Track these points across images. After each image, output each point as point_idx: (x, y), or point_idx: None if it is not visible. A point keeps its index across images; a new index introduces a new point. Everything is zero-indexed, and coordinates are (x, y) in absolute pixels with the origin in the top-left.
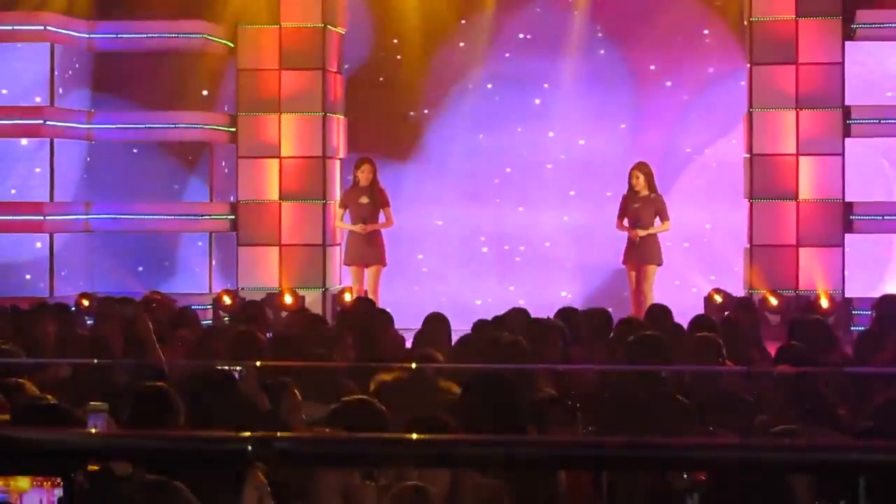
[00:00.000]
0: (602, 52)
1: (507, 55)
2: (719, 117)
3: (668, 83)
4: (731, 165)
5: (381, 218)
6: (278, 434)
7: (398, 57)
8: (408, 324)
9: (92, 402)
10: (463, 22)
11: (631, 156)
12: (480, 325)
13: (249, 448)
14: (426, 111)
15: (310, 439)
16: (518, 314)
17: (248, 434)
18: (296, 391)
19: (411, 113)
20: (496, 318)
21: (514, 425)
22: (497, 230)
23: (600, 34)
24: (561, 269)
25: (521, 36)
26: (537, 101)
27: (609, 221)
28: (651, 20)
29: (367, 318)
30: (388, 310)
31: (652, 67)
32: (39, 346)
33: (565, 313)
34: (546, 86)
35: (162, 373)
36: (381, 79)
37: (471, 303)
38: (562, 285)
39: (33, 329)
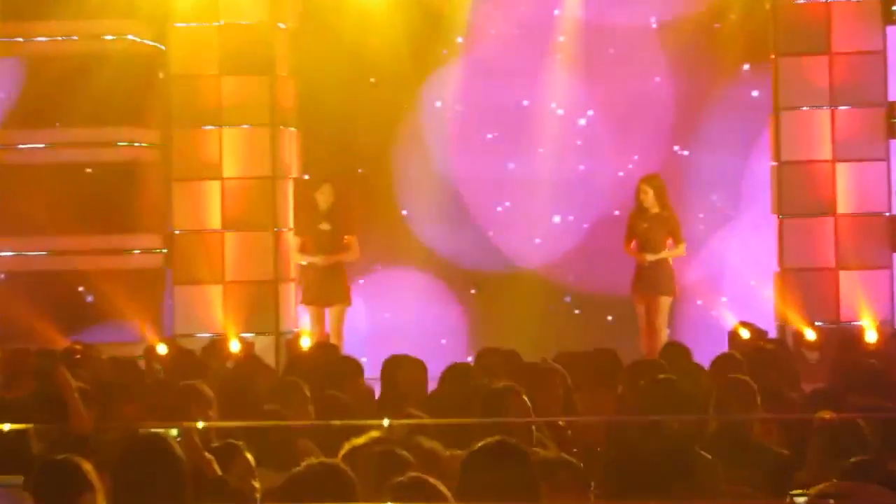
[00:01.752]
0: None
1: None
2: (738, 119)
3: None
4: (755, 175)
5: (345, 248)
6: None
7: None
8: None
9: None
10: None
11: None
12: (458, 370)
13: None
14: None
15: None
16: (506, 357)
17: None
18: (248, 455)
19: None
20: (478, 361)
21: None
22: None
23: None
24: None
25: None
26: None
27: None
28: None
29: (329, 367)
30: (356, 358)
31: (657, 79)
32: None
33: (565, 356)
34: (526, 102)
35: (85, 439)
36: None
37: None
38: None
39: None
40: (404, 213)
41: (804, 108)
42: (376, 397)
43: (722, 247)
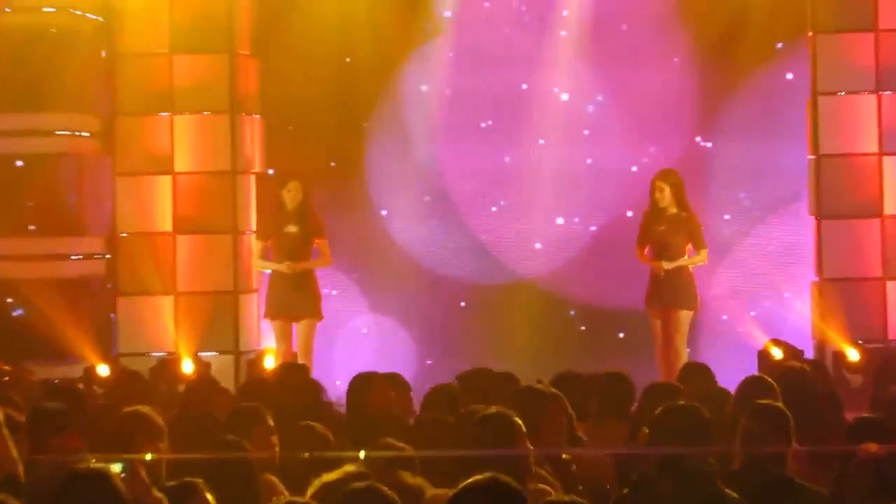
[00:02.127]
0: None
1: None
2: (770, 106)
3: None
4: (790, 171)
5: (315, 253)
6: None
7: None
8: None
9: None
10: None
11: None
12: (444, 394)
13: None
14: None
15: None
16: (500, 380)
17: None
18: (207, 496)
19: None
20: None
21: None
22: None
23: None
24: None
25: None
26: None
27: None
28: None
29: (296, 391)
30: (326, 382)
31: (676, 60)
32: None
33: (568, 379)
34: (525, 86)
35: (14, 476)
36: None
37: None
38: None
39: None
40: (383, 213)
41: (845, 93)
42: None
43: (751, 253)
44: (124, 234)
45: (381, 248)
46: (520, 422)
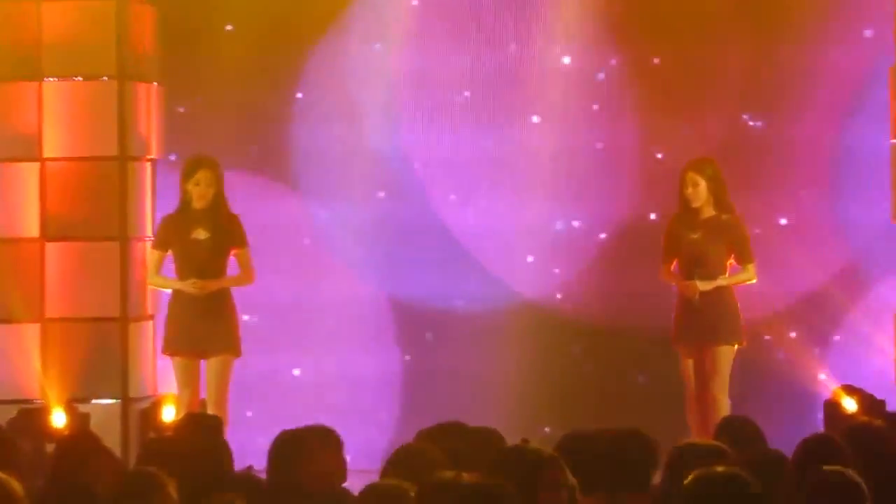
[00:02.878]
0: None
1: None
2: (840, 74)
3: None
4: (866, 160)
5: (233, 268)
6: None
7: None
8: None
9: None
10: None
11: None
12: (409, 456)
13: None
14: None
15: None
16: (480, 438)
17: None
18: None
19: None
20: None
21: None
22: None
23: None
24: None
25: None
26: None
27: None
28: None
29: (206, 452)
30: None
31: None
32: None
33: (569, 438)
34: (514, 47)
35: None
36: (228, 27)
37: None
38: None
39: None
40: (322, 215)
41: None
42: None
43: (814, 269)
44: None
45: (318, 261)
46: (510, 493)
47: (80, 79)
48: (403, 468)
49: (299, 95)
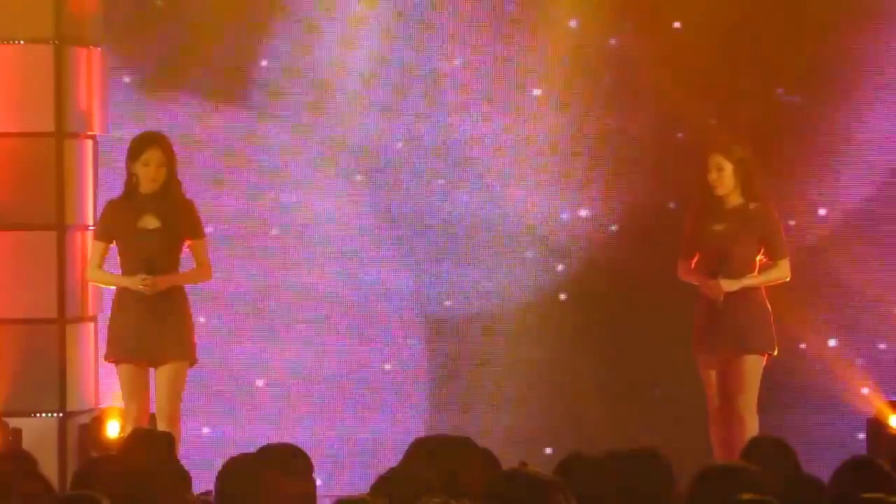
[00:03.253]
0: None
1: None
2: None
3: None
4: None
5: (186, 262)
6: None
7: None
8: None
9: None
10: None
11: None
12: (394, 481)
13: None
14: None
15: None
16: (474, 461)
17: None
18: None
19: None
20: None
21: None
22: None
23: None
24: None
25: None
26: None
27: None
28: None
29: (153, 474)
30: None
31: None
32: None
33: (575, 460)
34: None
35: None
36: None
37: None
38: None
39: None
40: (287, 202)
41: None
42: None
43: (856, 269)
44: None
45: (280, 257)
46: None
47: (12, 42)
48: (390, 492)
49: (264, 63)
